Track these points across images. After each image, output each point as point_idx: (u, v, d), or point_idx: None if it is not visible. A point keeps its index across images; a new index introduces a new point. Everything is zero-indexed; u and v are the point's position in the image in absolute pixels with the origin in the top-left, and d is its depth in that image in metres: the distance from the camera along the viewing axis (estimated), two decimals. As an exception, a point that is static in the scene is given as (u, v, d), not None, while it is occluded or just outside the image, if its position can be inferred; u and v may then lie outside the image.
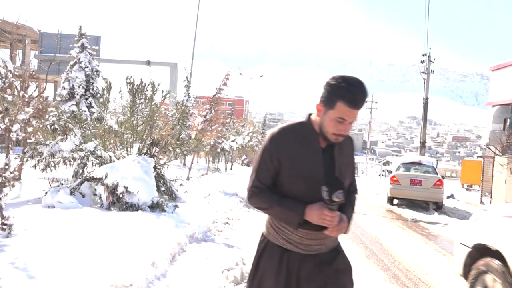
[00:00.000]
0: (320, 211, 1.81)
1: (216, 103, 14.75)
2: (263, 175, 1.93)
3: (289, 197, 1.88)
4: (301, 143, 1.89)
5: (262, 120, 52.06)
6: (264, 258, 1.98)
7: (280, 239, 1.95)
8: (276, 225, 1.97)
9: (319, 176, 1.87)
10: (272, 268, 1.94)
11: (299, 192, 1.88)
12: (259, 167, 1.94)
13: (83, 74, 14.24)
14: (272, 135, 1.93)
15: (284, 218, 1.90)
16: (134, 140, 8.01)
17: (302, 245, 1.92)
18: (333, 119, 1.81)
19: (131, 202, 6.40)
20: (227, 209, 8.61)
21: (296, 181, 1.88)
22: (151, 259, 4.20)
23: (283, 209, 1.87)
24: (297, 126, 1.95)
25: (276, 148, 1.89)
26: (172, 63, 26.79)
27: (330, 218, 1.81)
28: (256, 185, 1.93)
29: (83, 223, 5.04)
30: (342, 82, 1.78)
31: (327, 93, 1.82)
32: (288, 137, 1.91)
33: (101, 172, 6.49)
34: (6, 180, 4.34)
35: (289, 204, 1.86)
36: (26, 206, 5.99)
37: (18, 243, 3.98)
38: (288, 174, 1.89)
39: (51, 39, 21.60)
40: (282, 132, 1.93)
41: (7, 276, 3.12)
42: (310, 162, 1.88)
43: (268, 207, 1.92)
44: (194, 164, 15.61)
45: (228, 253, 5.40)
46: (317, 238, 1.92)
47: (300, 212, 1.83)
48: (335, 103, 1.78)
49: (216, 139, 17.67)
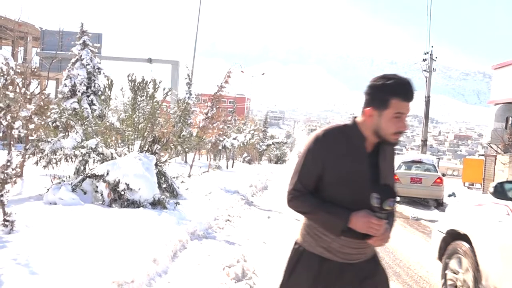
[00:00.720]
0: (367, 219, 1.74)
1: (217, 100, 14.74)
2: (305, 178, 1.85)
3: (331, 202, 1.81)
4: (347, 146, 1.83)
5: (264, 118, 52.03)
6: (299, 267, 1.89)
7: (318, 247, 1.88)
8: (315, 232, 1.89)
9: (365, 182, 1.81)
10: (309, 277, 1.85)
11: (342, 197, 1.81)
12: (301, 170, 1.86)
13: (84, 71, 14.23)
14: (316, 137, 1.86)
15: (326, 224, 1.82)
16: (136, 138, 8.01)
17: (342, 254, 1.85)
18: (391, 118, 1.77)
19: (132, 199, 6.41)
20: (228, 206, 8.62)
21: (339, 186, 1.81)
22: (152, 255, 4.21)
23: (326, 215, 1.79)
24: (343, 128, 1.88)
25: (321, 150, 1.82)
26: (173, 60, 26.76)
27: (377, 227, 1.74)
28: (298, 188, 1.85)
29: (84, 220, 5.05)
30: (388, 80, 1.77)
31: (376, 95, 1.79)
32: (334, 139, 1.84)
33: (103, 169, 6.50)
34: (8, 176, 4.34)
35: (333, 210, 1.79)
36: (28, 203, 6.00)
37: (20, 239, 3.99)
38: (331, 178, 1.82)
39: (53, 36, 21.61)
40: (328, 133, 1.85)
41: (9, 272, 3.13)
42: (356, 167, 1.81)
43: (310, 212, 1.84)
44: (196, 162, 15.62)
45: (229, 250, 5.41)
46: (358, 247, 1.85)
47: (345, 218, 1.76)
48: (389, 101, 1.75)
49: (218, 137, 17.66)
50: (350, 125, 1.88)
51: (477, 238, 3.65)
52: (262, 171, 21.97)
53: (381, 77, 1.79)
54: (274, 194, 13.43)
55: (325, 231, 1.84)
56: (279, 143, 48.40)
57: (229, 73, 14.78)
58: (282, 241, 6.48)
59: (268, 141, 42.62)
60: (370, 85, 1.82)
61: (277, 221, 8.28)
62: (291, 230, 7.54)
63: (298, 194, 1.85)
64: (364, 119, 1.85)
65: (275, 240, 6.48)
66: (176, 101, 10.63)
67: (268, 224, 7.86)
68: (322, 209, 1.80)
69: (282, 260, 5.26)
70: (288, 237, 6.80)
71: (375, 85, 1.80)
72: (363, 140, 1.85)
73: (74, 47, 14.38)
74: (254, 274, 4.64)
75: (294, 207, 1.89)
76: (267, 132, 46.57)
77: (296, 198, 1.86)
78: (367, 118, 1.83)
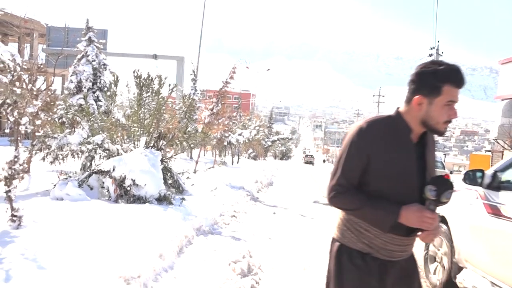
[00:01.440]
0: (420, 213, 1.67)
1: (222, 96, 14.75)
2: (349, 172, 1.76)
3: (377, 197, 1.73)
4: (393, 137, 1.75)
5: (269, 113, 52.00)
6: (347, 267, 1.80)
7: (359, 243, 1.80)
8: (356, 228, 1.81)
9: (412, 174, 1.74)
10: (359, 275, 1.77)
11: (387, 191, 1.73)
12: (345, 163, 1.76)
13: (90, 67, 14.30)
14: (360, 129, 1.76)
15: (374, 220, 1.74)
16: (141, 133, 8.04)
17: (385, 251, 1.78)
18: (442, 106, 1.69)
19: (138, 195, 6.44)
20: (234, 202, 8.64)
21: (385, 180, 1.73)
22: (158, 251, 4.23)
23: (375, 210, 1.71)
24: (386, 119, 1.79)
25: (366, 143, 1.73)
26: (178, 56, 26.75)
27: (431, 221, 1.68)
28: (342, 183, 1.76)
29: (91, 215, 5.08)
30: (439, 66, 1.69)
31: (427, 81, 1.70)
32: (378, 131, 1.75)
33: (109, 165, 6.53)
34: (15, 172, 4.38)
35: (382, 205, 1.71)
36: (35, 198, 6.05)
37: (28, 234, 4.02)
38: (377, 172, 1.73)
39: (59, 32, 21.69)
40: (372, 125, 1.76)
41: (17, 267, 3.16)
42: (403, 159, 1.74)
43: (356, 208, 1.75)
44: (201, 158, 15.66)
45: (235, 245, 5.42)
46: (402, 244, 1.79)
47: (395, 213, 1.68)
48: (441, 88, 1.67)
49: (223, 133, 17.68)
50: (394, 116, 1.80)
51: (452, 220, 4.25)
52: (267, 167, 21.99)
53: (431, 63, 1.72)
54: (279, 190, 13.44)
55: (373, 227, 1.76)
56: (284, 139, 48.39)
57: (234, 69, 14.78)
58: (287, 237, 6.49)
59: (273, 137, 42.63)
60: (419, 71, 1.73)
61: (283, 217, 8.28)
62: (296, 226, 7.55)
63: (342, 190, 1.76)
64: (409, 108, 1.76)
65: (280, 236, 6.48)
66: (182, 97, 10.64)
67: (273, 220, 7.87)
68: (369, 204, 1.72)
69: (287, 255, 5.28)
70: (293, 233, 6.81)
71: (425, 71, 1.71)
72: (409, 130, 1.77)
73: (80, 43, 14.45)
74: (260, 270, 4.65)
75: (338, 203, 1.80)
76: (272, 128, 46.58)
77: (341, 194, 1.77)
78: (415, 107, 1.74)
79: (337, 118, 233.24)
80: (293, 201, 10.90)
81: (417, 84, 1.73)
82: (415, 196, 1.73)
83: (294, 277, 4.57)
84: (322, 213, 9.40)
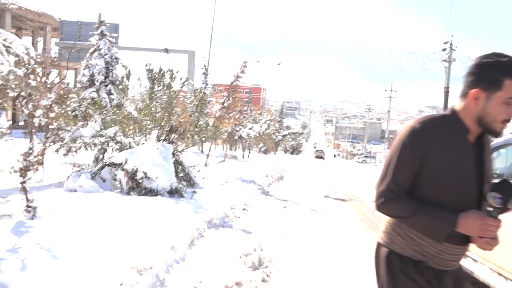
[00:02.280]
0: (482, 221, 1.54)
1: (234, 90, 14.75)
2: (401, 177, 1.62)
3: (432, 204, 1.60)
4: (449, 139, 1.61)
5: (280, 108, 51.91)
6: (401, 277, 1.67)
7: (410, 250, 1.67)
8: (408, 234, 1.68)
9: (470, 179, 1.61)
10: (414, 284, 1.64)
11: (441, 197, 1.60)
12: (396, 167, 1.63)
13: (102, 61, 14.39)
14: (412, 129, 1.62)
15: (428, 230, 1.61)
16: (153, 127, 8.08)
17: (438, 259, 1.65)
18: (501, 103, 1.54)
19: (150, 188, 6.49)
20: (245, 196, 8.66)
21: (440, 185, 1.60)
22: (170, 243, 4.26)
23: (429, 219, 1.58)
24: (441, 119, 1.65)
25: (419, 144, 1.60)
26: (190, 50, 26.84)
27: (494, 228, 1.55)
28: (393, 189, 1.62)
29: (104, 207, 5.14)
30: (502, 58, 1.55)
31: (487, 74, 1.55)
32: (433, 132, 1.61)
33: (121, 158, 6.59)
34: (30, 164, 4.44)
35: (437, 213, 1.57)
36: (49, 190, 6.13)
37: (43, 225, 4.08)
38: (431, 176, 1.60)
39: (71, 26, 21.83)
40: (425, 125, 1.62)
41: (33, 256, 3.21)
42: (461, 162, 1.60)
43: (408, 216, 1.61)
44: (212, 151, 15.70)
45: (245, 239, 5.44)
46: (457, 253, 1.67)
47: (453, 223, 1.56)
48: (502, 82, 1.52)
49: (234, 127, 17.71)
50: (449, 115, 1.65)
51: None
52: (278, 161, 21.98)
53: (493, 54, 1.57)
54: (290, 185, 13.43)
55: (426, 236, 1.63)
56: (295, 133, 48.35)
57: (246, 63, 14.75)
58: (298, 231, 6.49)
59: (284, 132, 42.60)
60: (479, 62, 1.59)
61: (293, 211, 8.28)
62: (307, 220, 7.54)
63: (393, 196, 1.62)
64: (465, 104, 1.62)
65: (291, 230, 6.49)
66: (193, 91, 10.67)
67: (284, 214, 7.88)
68: (423, 212, 1.58)
69: (298, 249, 5.28)
70: (304, 227, 6.81)
71: (486, 63, 1.56)
72: (466, 130, 1.63)
73: (92, 37, 14.53)
74: (271, 263, 4.66)
75: (387, 211, 1.67)
76: (283, 123, 46.53)
77: (391, 200, 1.63)
78: (471, 102, 1.59)
79: (348, 113, 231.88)
80: (303, 195, 10.89)
81: (476, 76, 1.58)
82: (472, 202, 1.61)
83: (304, 271, 4.57)
84: (333, 208, 9.38)
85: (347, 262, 5.04)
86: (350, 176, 23.10)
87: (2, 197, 5.23)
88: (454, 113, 1.65)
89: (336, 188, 14.18)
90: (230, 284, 3.81)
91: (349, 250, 5.65)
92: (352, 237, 6.49)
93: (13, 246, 3.38)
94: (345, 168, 32.93)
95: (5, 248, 3.30)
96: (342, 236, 6.48)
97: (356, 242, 6.20)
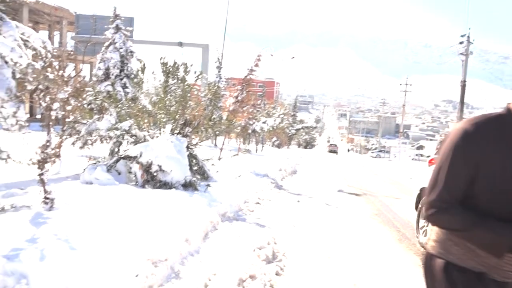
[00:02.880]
0: None
1: (247, 84, 14.73)
2: (454, 184, 1.48)
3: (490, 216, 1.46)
4: (507, 141, 1.45)
5: (293, 102, 51.71)
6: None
7: (469, 260, 1.53)
8: (465, 244, 1.53)
9: None
10: None
11: (499, 207, 1.45)
12: (448, 174, 1.49)
13: (117, 55, 14.50)
14: (465, 131, 1.47)
15: (486, 244, 1.47)
16: (167, 120, 8.13)
17: (501, 271, 1.51)
18: None
19: (164, 181, 6.54)
20: (258, 189, 8.67)
21: (498, 193, 1.44)
22: (184, 235, 4.30)
23: (489, 233, 1.43)
24: (497, 119, 1.49)
25: (474, 148, 1.44)
26: (204, 44, 26.87)
27: None
28: (444, 198, 1.49)
29: (119, 199, 5.20)
30: None
31: None
32: (488, 134, 1.45)
33: (136, 151, 6.65)
34: (47, 156, 4.51)
35: (497, 226, 1.42)
36: (66, 182, 6.23)
37: (60, 216, 4.15)
38: (487, 183, 1.45)
39: (87, 20, 22.06)
40: (480, 126, 1.47)
41: (51, 247, 3.27)
42: None
43: (464, 229, 1.47)
44: (225, 145, 15.74)
45: (259, 232, 5.46)
46: None
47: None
48: None
49: (247, 120, 17.71)
50: (505, 114, 1.50)
51: None
52: (291, 155, 21.94)
53: None
54: (303, 179, 13.41)
55: (483, 251, 1.50)
56: (308, 127, 48.13)
57: (259, 57, 14.71)
58: (312, 225, 6.48)
59: (298, 126, 42.45)
60: None
61: (307, 205, 8.27)
62: (321, 214, 7.53)
63: (445, 206, 1.49)
64: None
65: (305, 224, 6.48)
66: (207, 85, 10.69)
67: (297, 208, 7.87)
68: (481, 225, 1.44)
69: (312, 243, 5.28)
70: (318, 221, 6.80)
71: None
72: None
73: (107, 31, 14.63)
74: (284, 257, 4.67)
75: (440, 222, 1.54)
76: (296, 117, 46.34)
77: (443, 211, 1.50)
78: None
79: (362, 107, 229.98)
80: (317, 189, 10.87)
81: None
82: None
83: (318, 265, 4.57)
84: (346, 202, 9.34)
85: (361, 257, 5.02)
86: (364, 170, 22.95)
87: (21, 188, 5.33)
88: (510, 112, 1.50)
89: (350, 183, 14.11)
90: (244, 277, 3.83)
91: (363, 245, 5.63)
92: (366, 232, 6.46)
93: (32, 236, 3.44)
94: (358, 163, 32.72)
95: (24, 239, 3.36)
96: (356, 231, 6.45)
97: (370, 237, 6.17)
